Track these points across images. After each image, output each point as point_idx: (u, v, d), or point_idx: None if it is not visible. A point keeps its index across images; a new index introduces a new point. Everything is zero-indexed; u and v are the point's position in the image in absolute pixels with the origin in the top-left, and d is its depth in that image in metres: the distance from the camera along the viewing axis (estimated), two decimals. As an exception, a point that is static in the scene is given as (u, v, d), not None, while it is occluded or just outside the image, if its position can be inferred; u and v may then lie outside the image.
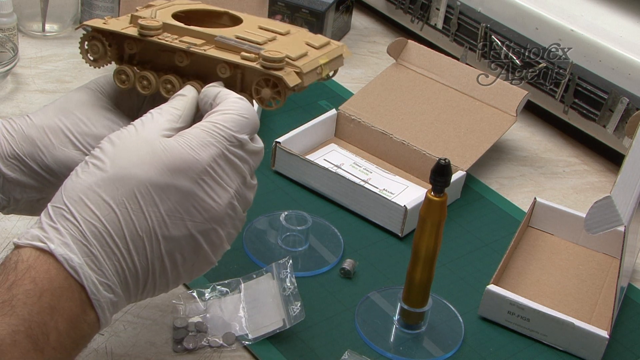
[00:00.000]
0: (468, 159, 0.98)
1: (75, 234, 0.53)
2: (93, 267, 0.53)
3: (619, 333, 0.82)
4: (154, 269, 0.55)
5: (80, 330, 0.53)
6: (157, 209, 0.54)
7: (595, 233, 0.74)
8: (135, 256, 0.54)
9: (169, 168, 0.54)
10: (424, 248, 0.73)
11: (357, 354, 0.75)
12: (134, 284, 0.55)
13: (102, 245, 0.53)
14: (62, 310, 0.51)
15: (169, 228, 0.55)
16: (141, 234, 0.54)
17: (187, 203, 0.55)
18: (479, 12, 1.18)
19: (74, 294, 0.52)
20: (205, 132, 0.57)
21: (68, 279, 0.52)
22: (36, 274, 0.51)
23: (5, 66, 1.07)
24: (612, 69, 1.04)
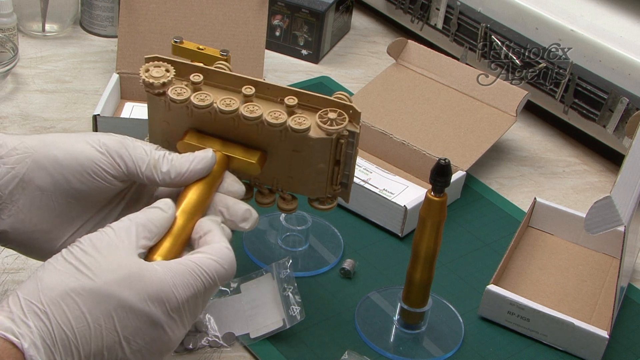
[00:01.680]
0: (468, 159, 0.98)
1: (45, 336, 0.53)
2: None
3: (619, 333, 0.82)
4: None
5: None
6: (127, 331, 0.55)
7: (595, 233, 0.74)
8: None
9: (150, 297, 0.56)
10: (424, 248, 0.73)
11: (357, 354, 0.75)
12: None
13: (66, 355, 0.53)
14: None
15: (129, 351, 0.56)
16: (105, 352, 0.55)
17: (153, 333, 0.56)
18: (479, 12, 1.18)
19: None
20: (191, 274, 0.58)
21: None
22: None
23: (5, 66, 1.07)
24: (612, 69, 1.04)
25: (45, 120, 1.03)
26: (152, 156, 0.64)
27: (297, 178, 0.69)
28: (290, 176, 0.69)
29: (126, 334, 0.55)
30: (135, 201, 0.67)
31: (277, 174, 0.69)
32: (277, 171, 0.69)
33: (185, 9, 1.07)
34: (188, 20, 1.07)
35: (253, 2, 1.08)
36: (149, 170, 0.63)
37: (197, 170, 0.64)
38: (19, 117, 1.03)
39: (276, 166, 0.68)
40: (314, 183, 0.69)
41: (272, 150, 0.67)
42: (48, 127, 1.02)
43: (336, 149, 0.67)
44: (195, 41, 0.88)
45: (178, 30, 1.06)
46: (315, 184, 0.69)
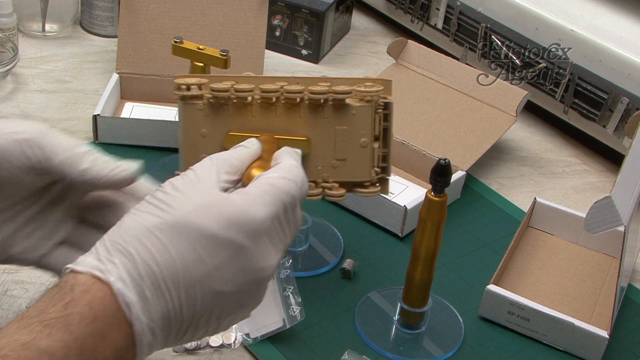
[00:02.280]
0: (468, 159, 0.98)
1: (131, 271, 0.53)
2: (144, 308, 0.53)
3: (619, 333, 0.82)
4: (198, 321, 0.55)
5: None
6: (214, 260, 0.54)
7: (595, 233, 0.74)
8: (185, 305, 0.54)
9: (230, 222, 0.55)
10: (424, 248, 0.73)
11: (357, 354, 0.75)
12: (176, 331, 0.55)
13: (155, 289, 0.53)
14: (111, 340, 0.51)
15: (221, 282, 0.55)
16: (195, 282, 0.54)
17: (241, 260, 0.55)
18: (479, 12, 1.18)
19: (122, 328, 0.52)
20: (267, 194, 0.57)
21: (119, 312, 0.52)
22: (92, 299, 0.52)
23: (5, 66, 1.07)
24: (612, 69, 1.04)
25: (45, 120, 1.03)
26: (74, 151, 0.62)
27: (341, 161, 0.70)
28: (335, 159, 0.70)
29: (214, 264, 0.54)
30: (56, 203, 0.65)
31: (321, 162, 0.70)
32: (321, 159, 0.70)
33: (185, 9, 1.07)
34: (188, 20, 1.07)
35: (253, 2, 1.08)
36: (67, 164, 0.61)
37: (116, 180, 0.62)
38: (19, 117, 1.03)
39: (320, 152, 0.69)
40: (359, 162, 0.70)
41: (315, 134, 0.68)
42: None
43: (374, 120, 0.70)
44: (195, 41, 0.88)
45: (178, 30, 1.06)
46: (360, 163, 0.70)
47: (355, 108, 0.70)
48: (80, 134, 1.01)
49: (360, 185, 0.71)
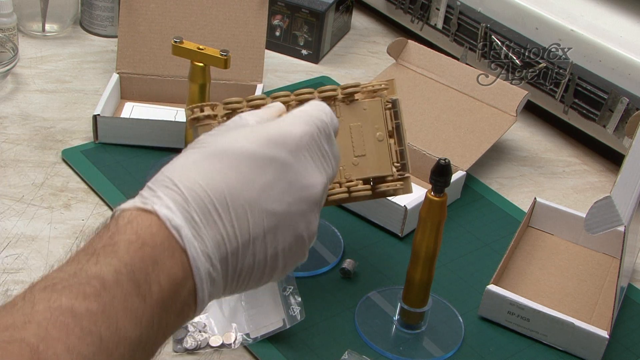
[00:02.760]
0: (468, 159, 0.98)
1: (176, 198, 0.52)
2: (194, 232, 0.51)
3: (619, 333, 0.82)
4: (255, 248, 0.54)
5: (180, 296, 0.51)
6: (259, 179, 0.54)
7: (595, 233, 0.74)
8: (237, 228, 0.53)
9: (268, 140, 0.55)
10: (424, 248, 0.73)
11: (357, 354, 0.75)
12: (233, 262, 0.53)
13: (203, 212, 0.52)
14: (163, 266, 0.50)
15: (270, 200, 0.54)
16: (243, 203, 0.53)
17: (287, 177, 0.55)
18: (479, 12, 1.18)
19: (174, 254, 0.51)
20: (300, 117, 0.58)
21: (169, 239, 0.51)
22: (138, 227, 0.51)
23: (5, 66, 1.07)
24: (612, 69, 1.04)
25: (45, 120, 1.03)
26: None
27: (361, 158, 0.73)
28: (354, 157, 0.73)
29: (260, 183, 0.54)
30: None
31: (342, 162, 0.72)
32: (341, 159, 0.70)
33: (185, 9, 1.07)
34: (188, 20, 1.07)
35: (253, 2, 1.08)
36: None
37: None
38: (19, 117, 1.03)
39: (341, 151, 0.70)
40: (378, 157, 0.73)
41: None
42: (48, 127, 1.02)
43: (386, 117, 0.74)
44: (195, 41, 0.88)
45: (178, 30, 1.06)
46: (380, 157, 0.73)
47: (366, 103, 0.73)
48: (80, 134, 1.01)
49: (383, 181, 0.73)
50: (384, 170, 0.74)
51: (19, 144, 0.98)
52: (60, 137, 1.00)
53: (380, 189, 0.74)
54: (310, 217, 0.57)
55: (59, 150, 0.97)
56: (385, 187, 0.74)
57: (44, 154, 0.97)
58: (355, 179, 0.73)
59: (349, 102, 0.73)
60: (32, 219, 0.87)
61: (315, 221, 0.58)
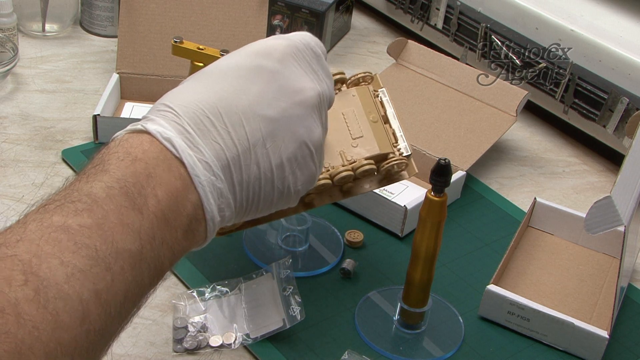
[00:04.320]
0: (468, 159, 0.98)
1: (168, 116, 0.52)
2: (189, 144, 0.51)
3: (619, 333, 0.82)
4: (257, 155, 0.54)
5: (184, 208, 0.50)
6: (250, 87, 0.55)
7: (595, 233, 0.74)
8: (233, 135, 0.53)
9: (254, 53, 0.57)
10: (424, 248, 0.73)
11: (357, 354, 0.75)
12: (237, 171, 0.53)
13: (196, 124, 0.52)
14: (159, 179, 0.49)
15: (264, 106, 0.54)
16: (237, 111, 0.53)
17: (277, 82, 0.56)
18: (479, 12, 1.18)
19: (171, 167, 0.50)
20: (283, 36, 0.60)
21: (163, 152, 0.50)
22: (129, 146, 0.50)
23: (5, 66, 1.07)
24: (612, 69, 1.04)
25: (45, 120, 1.03)
26: None
27: (359, 139, 0.71)
28: (353, 139, 0.71)
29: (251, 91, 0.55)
30: None
31: (341, 146, 0.71)
32: (340, 143, 0.71)
33: (185, 9, 1.07)
34: (188, 20, 1.07)
35: (253, 2, 1.08)
36: None
37: None
38: (19, 117, 1.03)
39: (336, 137, 0.70)
40: (377, 136, 0.72)
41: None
42: (48, 127, 1.02)
43: (376, 104, 0.74)
44: (195, 41, 0.88)
45: (178, 30, 1.06)
46: (378, 136, 0.72)
47: (354, 90, 0.74)
48: (80, 134, 1.01)
49: (385, 158, 0.71)
50: (385, 148, 0.71)
51: (19, 144, 0.98)
52: (60, 137, 1.00)
53: (384, 167, 0.71)
54: (308, 122, 0.57)
55: (59, 150, 0.98)
56: (388, 165, 0.71)
57: (44, 154, 0.97)
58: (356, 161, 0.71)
59: (337, 91, 0.74)
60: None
61: (315, 128, 0.58)
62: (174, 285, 0.81)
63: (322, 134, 0.59)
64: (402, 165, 0.72)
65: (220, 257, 0.85)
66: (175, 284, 0.81)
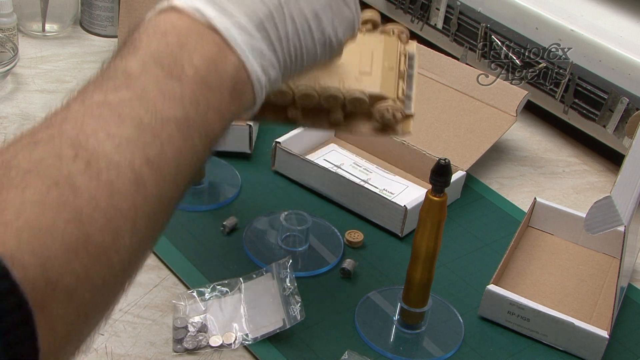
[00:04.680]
0: (468, 159, 0.98)
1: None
2: (218, 10, 0.51)
3: (619, 333, 0.82)
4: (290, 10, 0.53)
5: (224, 71, 0.50)
6: None
7: (595, 233, 0.74)
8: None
9: None
10: (424, 248, 0.73)
11: (357, 354, 0.75)
12: (272, 28, 0.53)
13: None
14: (193, 48, 0.49)
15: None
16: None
17: None
18: (479, 12, 1.18)
19: (203, 35, 0.50)
20: None
21: (194, 22, 0.50)
22: (157, 22, 0.50)
23: (5, 66, 1.07)
24: (612, 69, 1.04)
25: (45, 120, 1.03)
26: None
27: (365, 75, 0.68)
28: (360, 72, 0.68)
29: None
30: None
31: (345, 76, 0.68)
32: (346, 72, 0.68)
33: (185, 9, 1.07)
34: (188, 20, 1.07)
35: (253, 2, 1.08)
36: None
37: None
38: (19, 117, 1.03)
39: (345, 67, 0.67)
40: (384, 79, 0.69)
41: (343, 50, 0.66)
42: (48, 127, 1.01)
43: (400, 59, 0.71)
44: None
45: (178, 30, 1.06)
46: (385, 80, 0.69)
47: (384, 37, 0.72)
48: (80, 134, 1.01)
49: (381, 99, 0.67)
50: (388, 92, 0.68)
51: (19, 144, 0.98)
52: (60, 137, 1.00)
53: (377, 109, 0.67)
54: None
55: (59, 150, 0.97)
56: (383, 107, 0.67)
57: (44, 154, 0.97)
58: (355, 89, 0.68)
59: (366, 31, 0.72)
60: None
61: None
62: (174, 285, 0.81)
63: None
64: (397, 114, 0.67)
65: (220, 257, 0.85)
66: (175, 284, 0.81)
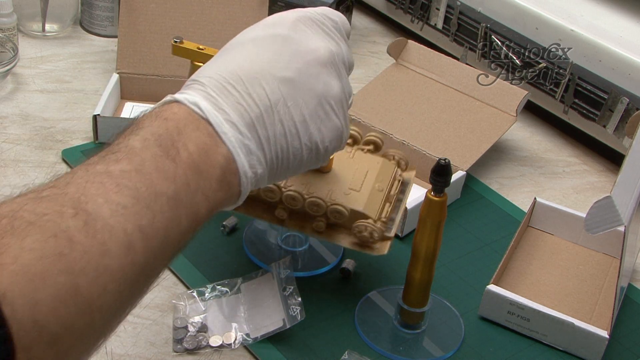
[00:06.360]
0: (468, 159, 0.98)
1: (194, 87, 0.58)
2: (214, 106, 0.56)
3: (619, 333, 0.82)
4: (279, 114, 0.58)
5: (215, 160, 0.55)
6: (265, 53, 0.60)
7: (595, 233, 0.74)
8: (254, 96, 0.58)
9: (267, 24, 0.63)
10: (424, 248, 0.73)
11: (357, 354, 0.75)
12: (261, 129, 0.58)
13: (219, 89, 0.57)
14: (189, 136, 0.54)
15: (280, 69, 0.59)
16: (255, 75, 0.58)
17: (290, 47, 0.61)
18: (479, 12, 1.18)
19: (199, 126, 0.55)
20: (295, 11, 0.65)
21: (191, 114, 0.56)
22: (160, 111, 0.56)
23: (5, 66, 1.07)
24: (612, 69, 1.04)
25: (45, 120, 1.03)
26: None
27: (354, 192, 0.74)
28: (349, 188, 0.74)
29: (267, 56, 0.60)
30: None
31: (335, 187, 0.74)
32: (335, 184, 0.74)
33: (185, 9, 1.07)
34: (188, 20, 1.07)
35: (253, 2, 1.08)
36: None
37: None
38: (19, 117, 1.03)
39: (335, 177, 0.74)
40: (371, 199, 0.74)
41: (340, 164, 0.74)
42: (48, 127, 1.02)
43: (393, 182, 0.77)
44: (195, 41, 0.87)
45: (178, 30, 1.06)
46: (372, 200, 0.74)
47: (382, 160, 0.77)
48: (80, 134, 1.01)
49: (362, 217, 0.73)
50: (370, 211, 0.74)
51: (19, 144, 0.98)
52: (60, 137, 1.00)
53: (357, 225, 0.73)
54: (324, 78, 0.62)
55: (59, 150, 0.98)
56: (362, 225, 0.73)
57: (44, 154, 0.97)
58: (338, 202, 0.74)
59: (366, 152, 0.78)
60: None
61: (334, 84, 0.63)
62: (174, 285, 0.81)
63: (342, 90, 0.64)
64: (374, 234, 0.73)
65: (220, 257, 0.85)
66: (175, 284, 0.81)
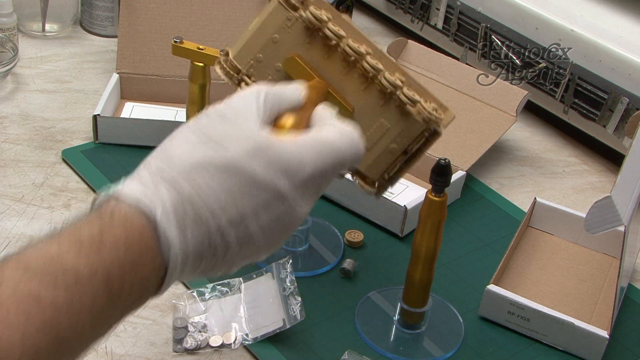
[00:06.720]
0: (468, 159, 0.98)
1: (177, 206, 0.51)
2: (182, 246, 0.52)
3: (619, 333, 0.82)
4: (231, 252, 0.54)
5: (146, 291, 0.52)
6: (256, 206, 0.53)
7: (595, 233, 0.74)
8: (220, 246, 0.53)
9: (279, 169, 0.53)
10: (424, 248, 0.73)
11: (357, 354, 0.75)
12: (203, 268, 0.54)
13: (198, 227, 0.52)
14: (141, 271, 0.50)
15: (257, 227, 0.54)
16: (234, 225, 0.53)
17: (280, 208, 0.54)
18: (479, 12, 1.18)
19: (155, 260, 0.51)
20: (321, 150, 0.55)
21: (156, 246, 0.51)
22: (131, 228, 0.50)
23: (5, 66, 1.07)
24: (612, 69, 1.04)
25: (45, 120, 1.03)
26: None
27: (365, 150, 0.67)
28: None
29: (254, 207, 0.53)
30: None
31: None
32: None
33: (185, 9, 1.07)
34: (188, 20, 1.07)
35: (253, 2, 1.08)
36: None
37: None
38: (19, 117, 1.03)
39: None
40: (378, 161, 0.68)
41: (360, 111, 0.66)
42: (48, 127, 1.02)
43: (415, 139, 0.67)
44: (195, 41, 0.88)
45: (178, 30, 1.06)
46: (378, 161, 0.68)
47: (410, 120, 0.67)
48: (80, 134, 1.01)
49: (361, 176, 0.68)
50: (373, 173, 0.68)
51: (19, 144, 0.98)
52: (60, 137, 1.00)
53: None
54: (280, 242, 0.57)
55: (59, 150, 0.98)
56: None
57: (44, 154, 0.97)
58: None
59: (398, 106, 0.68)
60: (33, 219, 0.87)
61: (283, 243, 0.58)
62: (174, 285, 0.81)
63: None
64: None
65: (220, 257, 0.85)
66: (175, 284, 0.81)
